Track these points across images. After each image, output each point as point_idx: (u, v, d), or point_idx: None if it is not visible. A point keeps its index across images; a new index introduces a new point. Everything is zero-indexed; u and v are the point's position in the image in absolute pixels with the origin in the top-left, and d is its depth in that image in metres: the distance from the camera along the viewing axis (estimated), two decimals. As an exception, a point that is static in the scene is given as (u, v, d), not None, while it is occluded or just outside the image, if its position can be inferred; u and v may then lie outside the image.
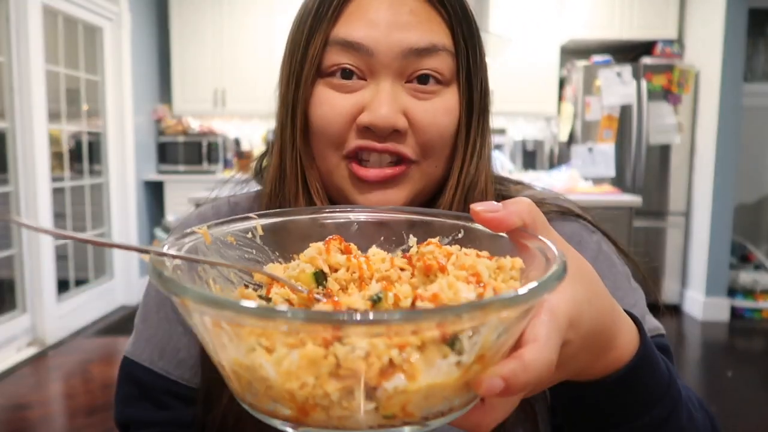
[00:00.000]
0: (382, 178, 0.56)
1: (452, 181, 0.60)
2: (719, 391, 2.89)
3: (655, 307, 0.65)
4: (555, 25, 4.54)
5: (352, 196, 0.58)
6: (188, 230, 0.37)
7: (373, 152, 0.56)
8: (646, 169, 4.12)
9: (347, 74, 0.55)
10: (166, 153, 4.66)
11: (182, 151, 4.65)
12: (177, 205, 4.45)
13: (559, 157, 4.60)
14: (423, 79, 0.56)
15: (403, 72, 0.56)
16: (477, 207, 0.37)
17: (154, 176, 4.57)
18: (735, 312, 4.02)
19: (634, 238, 3.49)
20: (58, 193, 3.56)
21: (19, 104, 3.17)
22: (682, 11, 4.34)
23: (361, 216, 0.43)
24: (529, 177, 3.63)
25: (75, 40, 3.81)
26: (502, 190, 0.67)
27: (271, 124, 0.64)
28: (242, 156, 4.76)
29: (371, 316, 0.25)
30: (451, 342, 0.27)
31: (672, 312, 4.14)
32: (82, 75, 3.88)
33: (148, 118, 4.63)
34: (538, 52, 4.56)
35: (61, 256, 3.57)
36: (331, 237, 0.40)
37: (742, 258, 4.31)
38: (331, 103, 0.56)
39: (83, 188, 3.92)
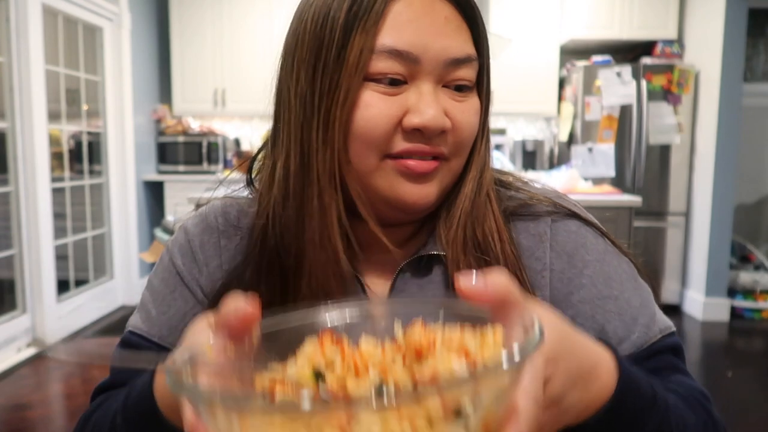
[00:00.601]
0: (428, 170, 0.58)
1: (471, 174, 0.63)
2: (719, 391, 2.89)
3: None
4: (555, 25, 4.53)
5: (398, 187, 0.58)
6: (193, 355, 0.38)
7: (416, 153, 0.58)
8: (646, 169, 4.12)
9: (395, 81, 0.56)
10: (166, 153, 4.66)
11: (182, 151, 4.65)
12: (177, 205, 4.45)
13: (559, 157, 4.60)
14: (458, 88, 0.59)
15: (442, 78, 0.58)
16: (460, 282, 0.38)
17: (154, 176, 4.57)
18: (735, 312, 4.02)
19: (634, 238, 3.49)
20: (58, 193, 3.56)
21: (19, 104, 3.18)
22: (682, 11, 4.34)
23: (347, 311, 0.45)
24: (529, 177, 3.62)
25: (75, 40, 3.81)
26: (500, 191, 0.67)
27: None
28: (242, 156, 4.76)
29: (382, 396, 0.28)
30: (456, 412, 0.29)
31: (672, 312, 4.15)
32: (82, 75, 3.88)
33: (148, 118, 4.63)
34: (538, 52, 4.56)
35: (61, 257, 3.57)
36: (322, 330, 0.41)
37: (742, 258, 4.31)
38: (378, 106, 0.56)
39: (83, 188, 3.92)
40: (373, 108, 0.56)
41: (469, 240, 0.61)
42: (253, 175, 0.69)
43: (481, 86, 0.62)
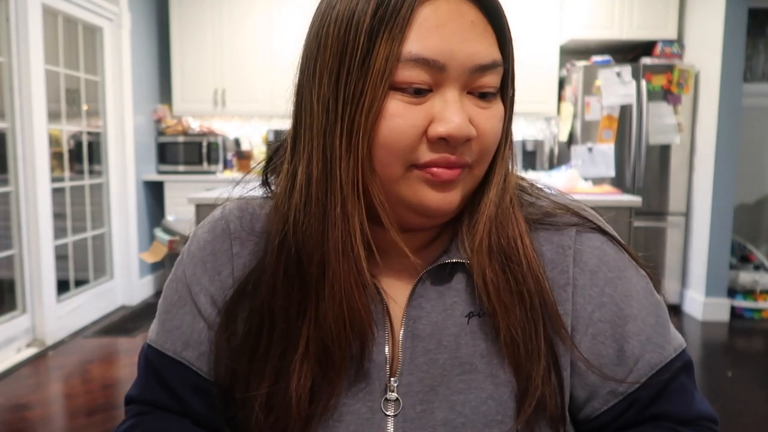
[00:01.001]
0: (452, 178, 0.57)
1: (495, 179, 0.62)
2: (719, 391, 2.89)
3: None
4: (555, 25, 4.54)
5: (422, 194, 0.57)
6: None
7: (442, 164, 0.57)
8: (646, 169, 4.12)
9: (420, 91, 0.55)
10: (166, 153, 4.66)
11: (182, 151, 4.65)
12: (177, 205, 4.45)
13: (559, 157, 4.60)
14: (483, 95, 0.58)
15: (467, 84, 0.56)
16: None
17: (153, 176, 4.57)
18: (735, 312, 4.03)
19: (634, 238, 3.49)
20: (58, 193, 3.56)
21: (19, 104, 3.17)
22: (682, 11, 4.34)
23: None
24: (529, 177, 3.62)
25: (75, 40, 3.81)
26: (520, 195, 0.67)
27: (272, 124, 0.62)
28: (242, 156, 4.76)
29: None
30: None
31: (672, 312, 4.14)
32: (82, 75, 3.88)
33: (148, 118, 4.63)
34: (538, 52, 4.56)
35: (61, 256, 3.57)
36: None
37: (742, 258, 4.31)
38: (403, 116, 0.55)
39: (83, 188, 3.92)
40: (399, 118, 0.54)
41: (494, 246, 0.60)
42: (268, 176, 0.68)
43: (505, 91, 0.60)
